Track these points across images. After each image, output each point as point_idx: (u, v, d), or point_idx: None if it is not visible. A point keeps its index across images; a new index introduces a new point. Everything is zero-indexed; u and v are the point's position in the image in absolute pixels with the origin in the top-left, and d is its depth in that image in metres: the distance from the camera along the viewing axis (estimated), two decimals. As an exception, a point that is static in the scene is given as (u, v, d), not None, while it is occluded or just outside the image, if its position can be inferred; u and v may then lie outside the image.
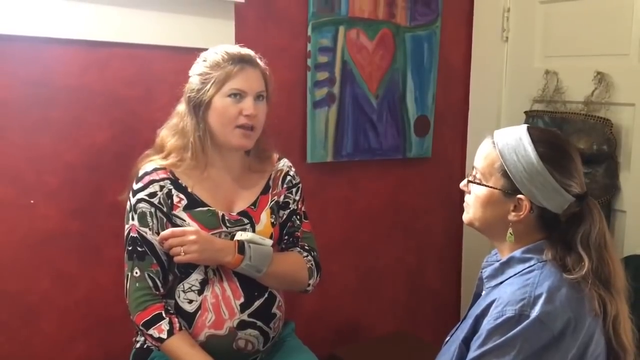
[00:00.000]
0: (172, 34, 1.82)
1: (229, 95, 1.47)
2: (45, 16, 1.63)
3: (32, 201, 1.69)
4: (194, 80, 1.50)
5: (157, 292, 1.47)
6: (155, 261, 1.47)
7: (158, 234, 1.46)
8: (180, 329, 1.45)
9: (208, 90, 1.46)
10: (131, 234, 1.47)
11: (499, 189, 1.22)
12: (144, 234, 1.46)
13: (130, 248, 1.47)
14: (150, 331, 1.43)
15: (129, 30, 1.76)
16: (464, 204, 1.33)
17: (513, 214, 1.22)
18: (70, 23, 1.66)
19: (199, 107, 1.49)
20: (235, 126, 1.48)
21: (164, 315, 1.44)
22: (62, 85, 1.70)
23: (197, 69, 1.51)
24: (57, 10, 1.64)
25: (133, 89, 1.80)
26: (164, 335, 1.42)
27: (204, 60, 1.50)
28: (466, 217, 1.32)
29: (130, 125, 1.81)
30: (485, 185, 1.25)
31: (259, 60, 1.53)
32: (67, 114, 1.71)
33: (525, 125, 1.26)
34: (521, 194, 1.20)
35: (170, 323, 1.44)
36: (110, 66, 1.76)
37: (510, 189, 1.21)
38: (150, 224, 1.46)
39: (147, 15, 1.77)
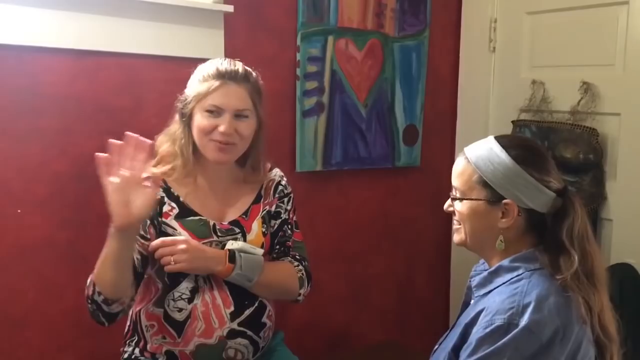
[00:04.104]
0: (161, 43, 1.83)
1: (207, 111, 1.46)
2: (34, 25, 1.62)
3: (19, 210, 1.67)
4: (186, 90, 1.51)
5: None
6: None
7: (142, 237, 1.45)
8: None
9: (189, 103, 1.47)
10: None
11: (483, 199, 1.24)
12: None
13: None
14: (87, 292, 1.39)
15: (118, 39, 1.75)
16: (454, 226, 1.32)
17: (503, 220, 1.23)
18: (59, 32, 1.66)
19: (184, 118, 1.50)
20: (210, 139, 1.47)
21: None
22: (51, 94, 1.69)
23: (190, 79, 1.51)
24: (45, 19, 1.64)
25: (122, 98, 1.80)
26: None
27: (195, 72, 1.51)
28: (458, 238, 1.30)
29: (119, 134, 1.78)
30: (469, 199, 1.26)
31: (250, 75, 1.50)
32: (55, 123, 1.70)
33: (492, 136, 1.28)
34: (506, 199, 1.21)
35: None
36: (99, 75, 1.76)
37: (494, 197, 1.23)
38: None
39: (136, 24, 1.77)
